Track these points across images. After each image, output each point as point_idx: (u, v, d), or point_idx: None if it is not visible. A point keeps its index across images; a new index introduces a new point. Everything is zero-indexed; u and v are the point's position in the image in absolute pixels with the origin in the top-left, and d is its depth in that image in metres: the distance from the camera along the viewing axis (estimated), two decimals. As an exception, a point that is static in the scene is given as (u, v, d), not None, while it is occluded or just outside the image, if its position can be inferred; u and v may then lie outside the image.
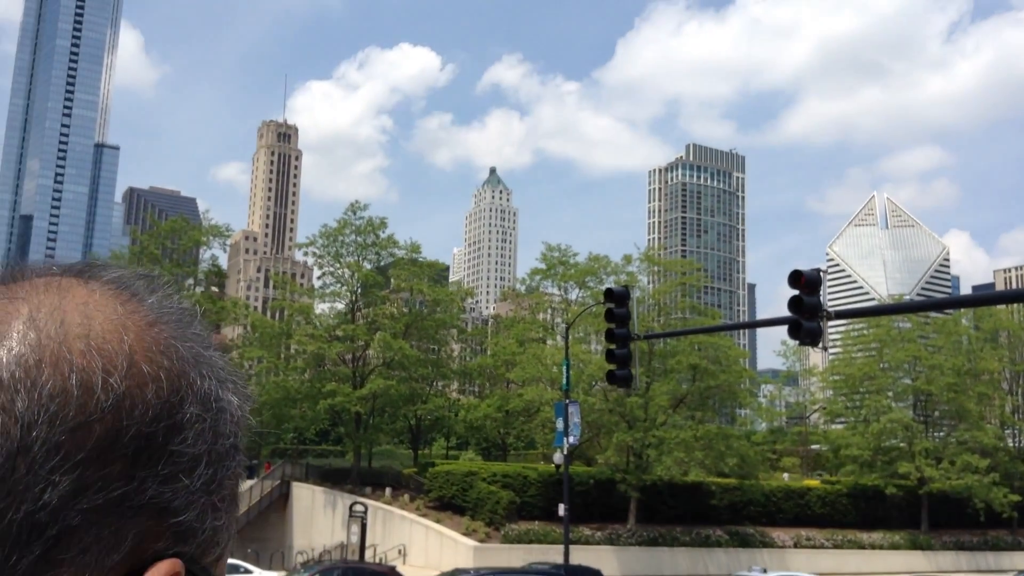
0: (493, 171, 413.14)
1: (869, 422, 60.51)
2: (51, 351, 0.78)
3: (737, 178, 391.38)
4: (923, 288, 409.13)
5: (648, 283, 55.53)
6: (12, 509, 0.73)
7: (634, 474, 47.26)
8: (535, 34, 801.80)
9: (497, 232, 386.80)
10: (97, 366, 0.78)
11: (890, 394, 60.81)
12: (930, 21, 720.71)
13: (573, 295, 56.64)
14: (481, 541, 47.54)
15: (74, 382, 0.77)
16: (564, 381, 40.73)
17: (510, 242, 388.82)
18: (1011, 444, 59.51)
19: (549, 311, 58.56)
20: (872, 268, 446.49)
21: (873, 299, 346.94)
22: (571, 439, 41.24)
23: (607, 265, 52.80)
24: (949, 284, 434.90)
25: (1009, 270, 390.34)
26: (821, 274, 13.98)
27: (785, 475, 61.93)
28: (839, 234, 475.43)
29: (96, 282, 0.87)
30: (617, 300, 18.12)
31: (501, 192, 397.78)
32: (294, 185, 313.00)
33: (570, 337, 42.60)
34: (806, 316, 13.71)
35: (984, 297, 68.74)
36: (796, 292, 13.96)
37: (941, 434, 59.84)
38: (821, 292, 13.79)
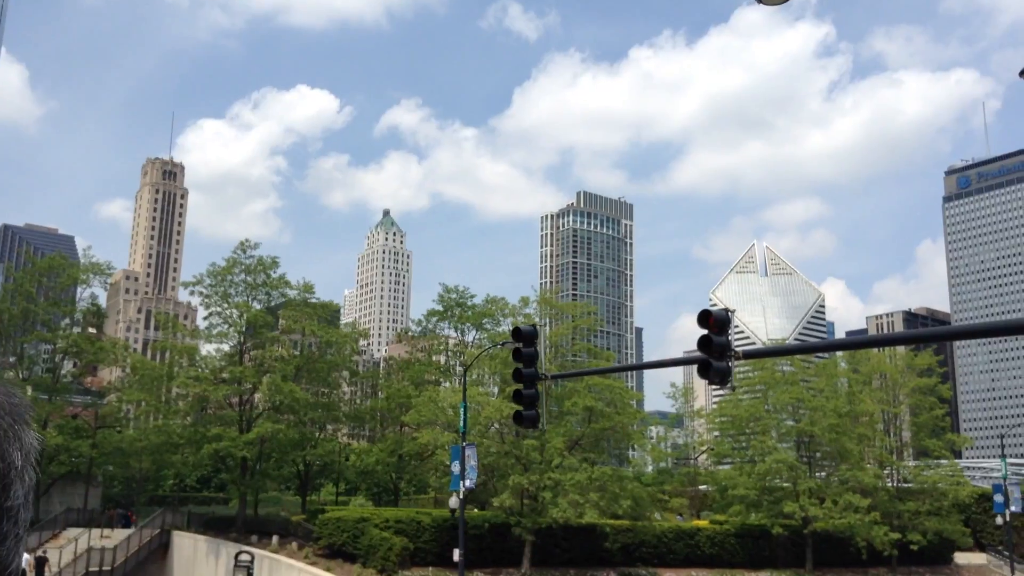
0: (387, 213, 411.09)
1: (755, 462, 61.95)
2: None
3: (626, 225, 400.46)
4: (800, 333, 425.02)
5: (543, 325, 55.81)
6: None
7: (529, 517, 46.90)
8: (434, 79, 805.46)
9: (390, 274, 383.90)
10: None
11: (774, 435, 62.52)
12: (812, 80, 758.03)
13: (470, 337, 56.41)
14: (373, 590, 46.20)
15: None
16: (461, 424, 40.26)
17: (403, 284, 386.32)
18: (889, 484, 61.76)
19: (445, 353, 58.05)
20: (753, 314, 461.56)
21: (754, 343, 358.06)
22: (468, 482, 40.67)
23: (504, 307, 52.87)
24: (825, 330, 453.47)
25: (881, 316, 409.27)
26: (729, 314, 14.16)
27: (679, 516, 62.66)
28: (721, 280, 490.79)
29: None
30: (525, 339, 17.95)
31: (395, 234, 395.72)
32: (179, 224, 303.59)
33: (467, 379, 42.24)
34: (715, 355, 13.83)
35: (879, 339, 71.74)
36: (705, 332, 14.09)
37: (823, 474, 61.70)
38: (728, 332, 13.97)
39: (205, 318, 49.78)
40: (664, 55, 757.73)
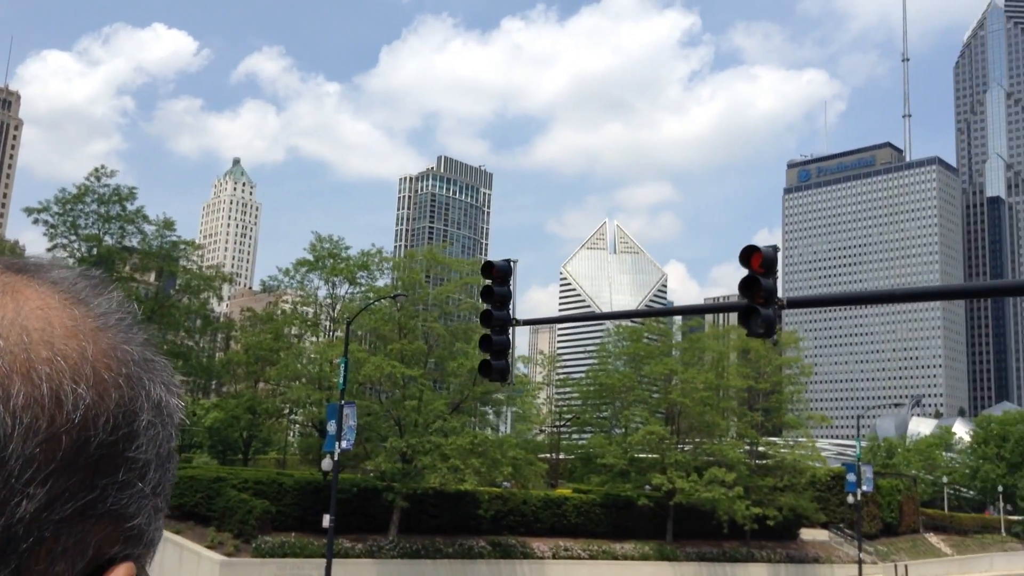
0: (237, 162, 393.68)
1: (625, 432, 61.64)
2: (20, 360, 0.77)
3: (484, 194, 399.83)
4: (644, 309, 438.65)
5: (428, 281, 53.00)
6: None
7: (403, 482, 44.38)
8: (300, 29, 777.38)
9: (237, 225, 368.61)
10: (65, 375, 0.78)
11: (645, 406, 62.36)
12: (674, 68, 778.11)
13: (343, 291, 52.95)
14: (229, 555, 42.51)
15: (44, 392, 0.77)
16: (341, 381, 37.27)
17: (250, 237, 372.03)
18: (752, 460, 62.80)
19: (315, 306, 54.39)
20: (600, 289, 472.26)
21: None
22: (344, 443, 37.81)
23: (384, 260, 49.75)
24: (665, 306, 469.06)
25: (718, 298, 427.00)
26: (778, 253, 12.05)
27: (556, 483, 61.69)
28: (573, 255, 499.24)
29: (42, 283, 0.86)
30: (499, 276, 15.28)
31: (244, 184, 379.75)
32: (11, 157, 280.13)
33: (343, 334, 39.28)
34: (761, 301, 11.72)
35: (914, 292, 72.38)
36: (748, 272, 11.92)
37: (690, 447, 62.04)
38: (776, 274, 11.83)
39: (50, 249, 44.22)
40: (535, 29, 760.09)
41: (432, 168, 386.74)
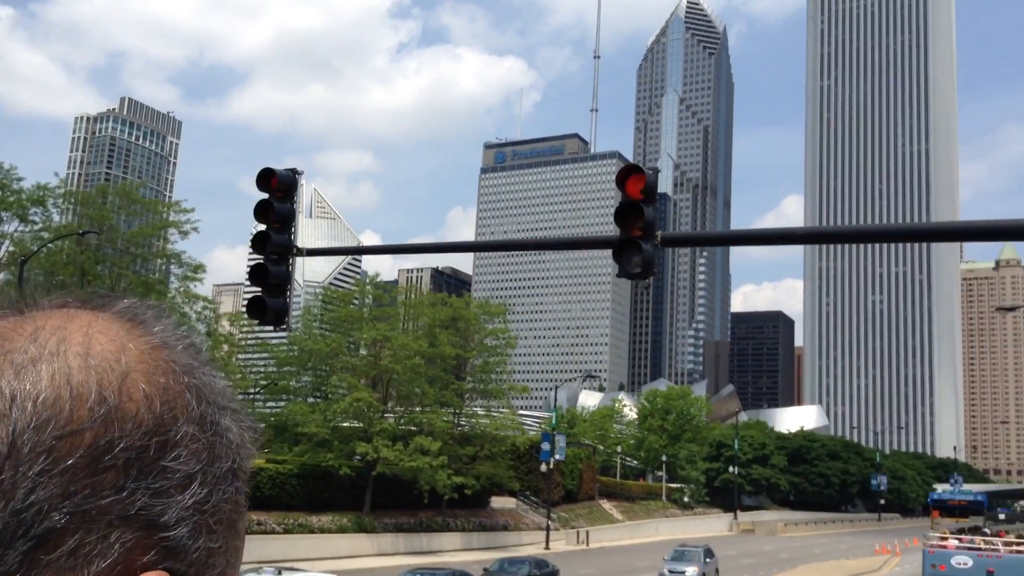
0: None
1: (328, 399, 58.87)
2: (49, 364, 0.83)
3: (171, 143, 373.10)
4: (336, 277, 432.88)
5: (121, 220, 46.43)
6: (0, 505, 0.76)
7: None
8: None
9: None
10: (92, 380, 0.83)
11: (352, 372, 59.91)
12: (383, 37, 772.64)
13: (10, 227, 45.03)
14: None
15: (67, 394, 0.81)
16: None
17: None
18: (455, 429, 62.57)
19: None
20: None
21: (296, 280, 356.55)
22: None
23: (70, 194, 42.80)
24: (359, 277, 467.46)
25: (411, 271, 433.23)
26: (658, 176, 10.08)
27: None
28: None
29: (103, 310, 0.92)
30: (280, 189, 12.06)
31: None
32: None
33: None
34: (640, 234, 9.51)
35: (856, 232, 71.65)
36: (626, 198, 9.77)
37: (397, 415, 60.53)
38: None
39: None
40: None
41: (114, 109, 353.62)
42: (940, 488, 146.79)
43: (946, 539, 44.54)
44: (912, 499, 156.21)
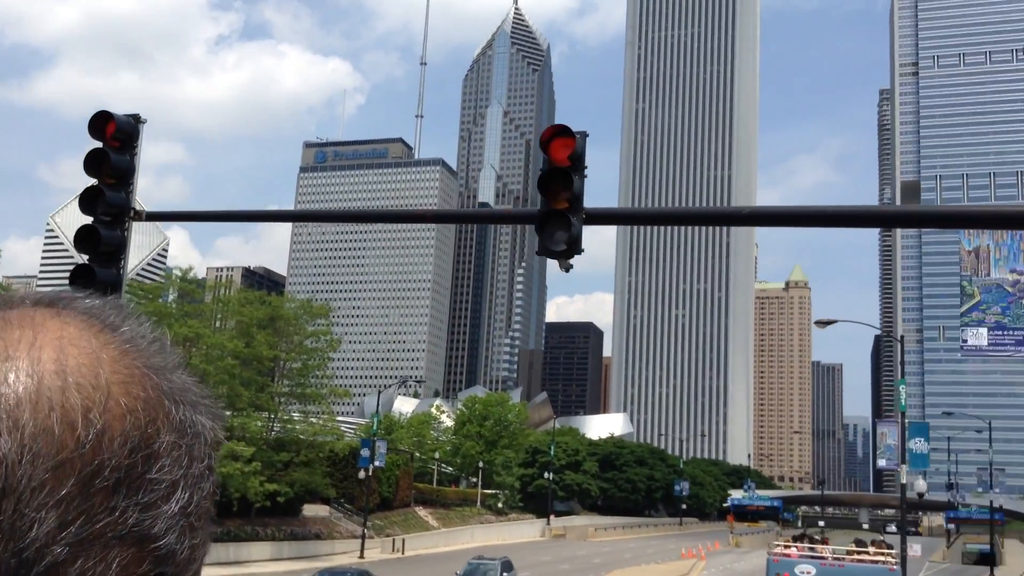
0: None
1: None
2: (30, 390, 0.79)
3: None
4: (140, 271, 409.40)
5: None
6: (0, 547, 0.74)
7: None
8: None
9: None
10: (76, 403, 0.80)
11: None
12: (202, 27, 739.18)
13: None
14: None
15: (55, 420, 0.79)
16: None
17: None
18: (270, 434, 59.59)
19: None
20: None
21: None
22: None
23: None
24: (164, 273, 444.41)
25: (221, 269, 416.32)
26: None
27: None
28: (64, 206, 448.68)
29: (69, 312, 0.88)
30: (119, 138, 9.92)
31: None
32: None
33: None
34: (566, 206, 8.45)
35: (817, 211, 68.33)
36: (550, 166, 8.63)
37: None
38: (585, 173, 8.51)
39: None
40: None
41: None
42: (736, 494, 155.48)
43: (789, 547, 46.26)
44: (709, 504, 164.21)
